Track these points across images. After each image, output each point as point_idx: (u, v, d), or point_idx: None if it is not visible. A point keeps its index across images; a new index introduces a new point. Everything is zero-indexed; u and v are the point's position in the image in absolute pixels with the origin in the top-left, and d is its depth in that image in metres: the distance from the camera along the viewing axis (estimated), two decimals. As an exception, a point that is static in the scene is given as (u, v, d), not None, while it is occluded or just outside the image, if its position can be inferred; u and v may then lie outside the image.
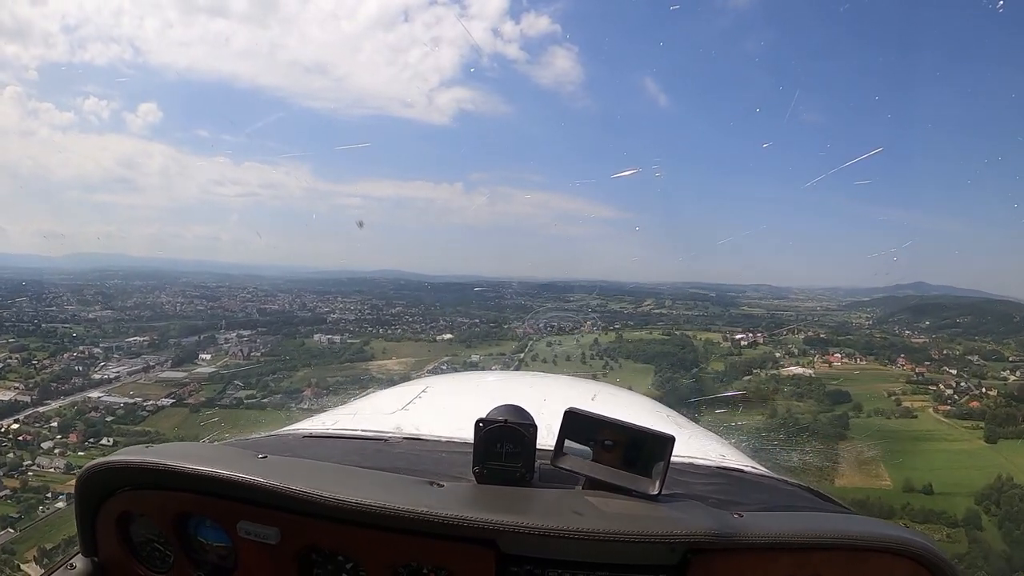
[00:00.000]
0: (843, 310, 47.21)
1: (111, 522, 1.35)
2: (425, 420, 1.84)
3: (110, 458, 1.31)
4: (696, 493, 1.34)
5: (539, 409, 1.33)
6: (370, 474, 1.27)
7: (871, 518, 1.39)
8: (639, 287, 52.81)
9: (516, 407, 1.30)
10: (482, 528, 1.11)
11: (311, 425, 1.97)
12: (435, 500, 1.16)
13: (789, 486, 1.67)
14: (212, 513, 1.29)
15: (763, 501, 1.41)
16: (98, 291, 60.28)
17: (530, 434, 1.25)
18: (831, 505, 1.60)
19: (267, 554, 1.25)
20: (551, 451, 1.27)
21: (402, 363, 40.93)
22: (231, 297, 62.32)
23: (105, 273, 72.02)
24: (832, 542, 1.19)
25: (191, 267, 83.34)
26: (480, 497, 1.21)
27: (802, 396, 34.87)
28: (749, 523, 1.19)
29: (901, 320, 43.21)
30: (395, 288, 61.91)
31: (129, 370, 40.46)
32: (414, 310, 56.53)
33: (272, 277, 71.50)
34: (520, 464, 1.25)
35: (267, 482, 1.18)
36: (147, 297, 60.57)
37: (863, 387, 35.91)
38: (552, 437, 1.27)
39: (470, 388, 2.77)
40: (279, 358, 41.63)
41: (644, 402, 2.86)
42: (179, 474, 1.25)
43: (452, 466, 1.36)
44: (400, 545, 1.19)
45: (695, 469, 1.61)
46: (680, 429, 1.96)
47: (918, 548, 1.22)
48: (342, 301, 60.96)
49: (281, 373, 38.28)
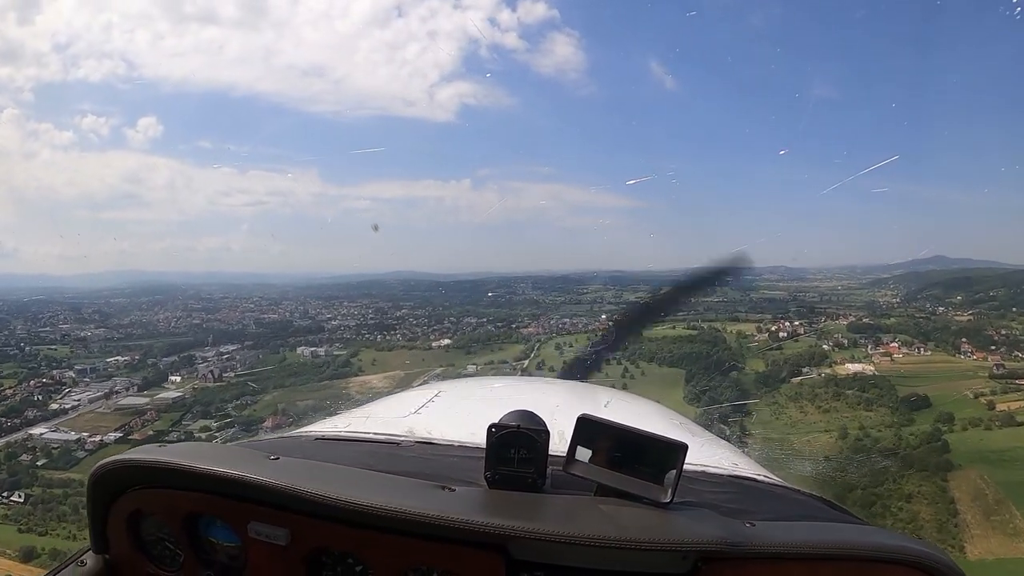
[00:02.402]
0: (866, 288, 43.72)
1: (122, 520, 1.32)
2: (437, 424, 1.76)
3: (122, 456, 1.27)
4: (708, 501, 1.29)
5: (551, 415, 1.29)
6: (381, 477, 1.23)
7: (883, 529, 1.36)
8: (653, 275, 47.31)
9: (529, 413, 1.24)
10: (493, 533, 1.07)
11: (323, 428, 1.84)
12: (446, 504, 1.12)
13: (801, 495, 1.59)
14: (223, 513, 1.25)
15: (775, 510, 1.35)
16: (96, 310, 57.49)
17: (542, 440, 1.20)
18: (844, 515, 1.51)
19: (277, 555, 1.22)
20: (563, 457, 1.21)
21: (389, 378, 34.63)
22: (232, 308, 58.57)
23: (114, 291, 69.75)
24: (844, 553, 1.15)
25: (202, 279, 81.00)
26: (491, 502, 1.16)
27: (871, 403, 27.07)
28: (760, 532, 1.14)
29: (932, 296, 39.64)
30: (405, 289, 59.10)
31: (92, 396, 35.99)
32: (420, 312, 53.09)
33: (282, 285, 69.26)
34: (532, 470, 1.21)
35: (278, 483, 1.14)
36: (145, 314, 57.48)
37: (939, 387, 28.65)
38: (564, 443, 1.22)
39: (483, 393, 2.69)
40: (254, 377, 36.13)
41: (657, 409, 2.72)
42: (190, 474, 1.21)
43: (464, 471, 1.31)
44: (410, 549, 1.16)
45: (707, 477, 1.53)
46: (693, 437, 1.86)
47: (931, 560, 1.16)
48: (347, 306, 57.66)
49: (247, 398, 32.79)
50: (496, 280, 55.95)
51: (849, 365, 30.79)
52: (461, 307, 50.84)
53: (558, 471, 1.22)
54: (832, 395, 27.60)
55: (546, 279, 52.14)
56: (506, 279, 55.31)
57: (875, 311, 38.31)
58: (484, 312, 49.29)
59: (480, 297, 53.02)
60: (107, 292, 67.88)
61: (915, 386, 28.37)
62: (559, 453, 1.22)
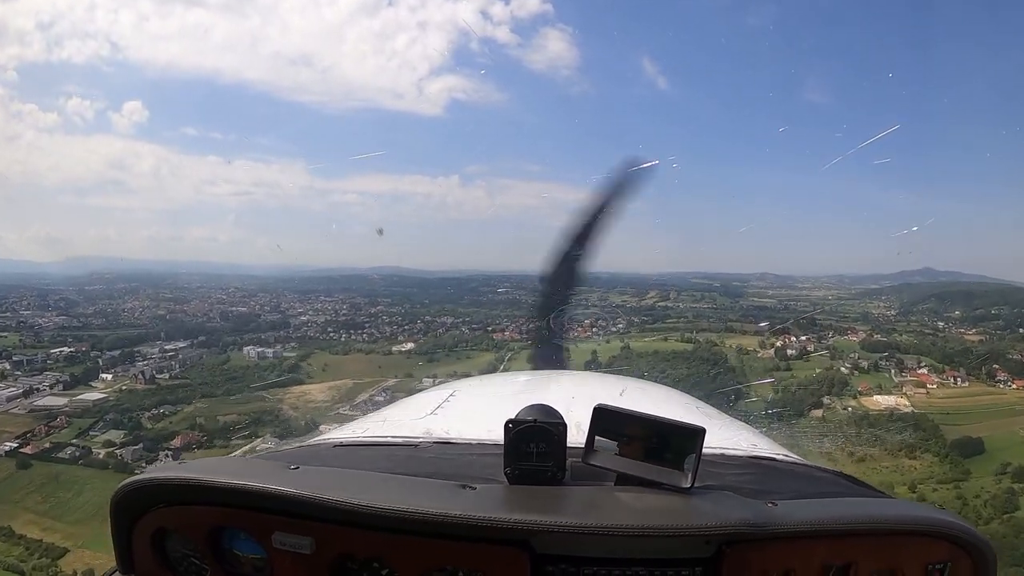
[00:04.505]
0: (857, 299, 41.98)
1: (146, 539, 1.30)
2: (454, 424, 1.72)
3: (142, 476, 1.25)
4: (729, 484, 1.25)
5: (568, 407, 1.26)
6: (402, 480, 1.21)
7: (906, 501, 1.32)
8: (640, 278, 46.26)
9: (545, 406, 1.22)
10: (516, 529, 1.07)
11: (341, 434, 1.82)
12: (468, 503, 1.10)
13: (822, 473, 1.55)
14: (246, 526, 1.23)
15: (796, 489, 1.30)
16: (63, 297, 54.10)
17: (560, 433, 1.17)
18: (866, 490, 1.47)
19: (302, 564, 1.19)
20: (582, 449, 1.19)
21: (333, 389, 29.95)
22: (203, 300, 54.82)
23: (92, 277, 66.87)
24: (868, 527, 1.13)
25: (187, 268, 78.25)
26: (512, 498, 1.15)
27: (914, 449, 21.47)
28: (783, 512, 1.12)
29: (928, 310, 37.40)
30: (386, 285, 55.65)
31: (11, 394, 31.93)
32: (396, 309, 49.23)
33: (264, 277, 66.72)
34: (551, 463, 1.18)
35: (300, 492, 1.13)
36: (112, 303, 53.90)
37: (990, 426, 23.48)
38: (582, 435, 1.20)
39: (498, 390, 2.62)
40: (187, 382, 31.74)
41: (672, 395, 2.60)
42: (212, 488, 1.20)
43: (483, 468, 1.28)
44: (434, 550, 1.13)
45: (727, 460, 1.49)
46: (710, 420, 1.81)
47: (955, 530, 1.15)
48: (323, 301, 54.27)
49: (167, 407, 28.27)
50: (481, 278, 53.04)
51: (879, 398, 25.59)
52: (440, 305, 47.45)
53: (577, 463, 1.19)
54: (868, 439, 22.04)
55: (532, 278, 49.09)
56: (491, 277, 52.09)
57: (879, 325, 35.18)
58: (463, 312, 45.62)
59: (462, 295, 49.87)
60: (85, 279, 65.29)
61: (959, 424, 23.28)
62: (577, 445, 1.19)
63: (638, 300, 42.72)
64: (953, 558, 1.16)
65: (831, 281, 45.83)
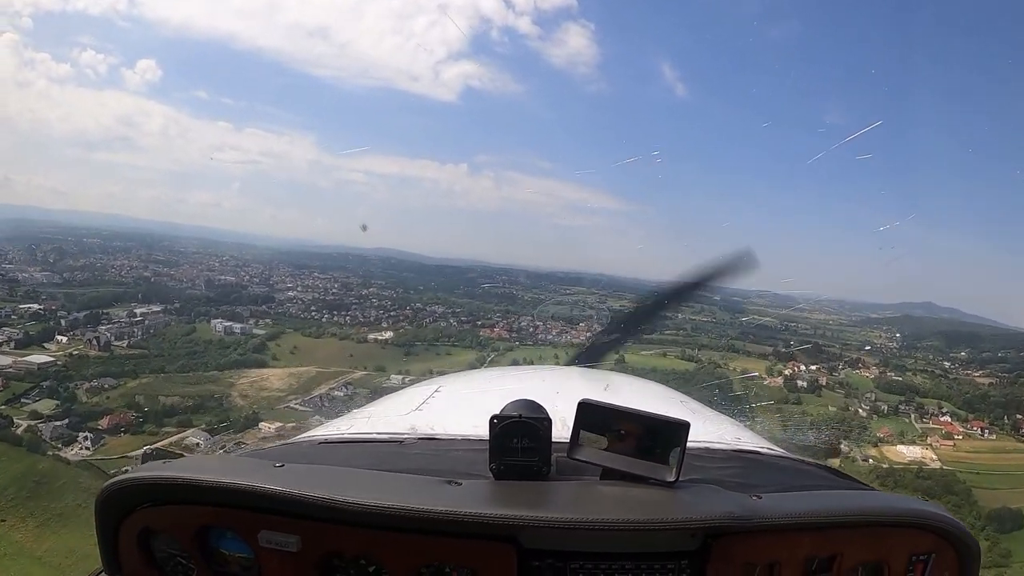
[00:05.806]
0: (857, 326, 41.18)
1: (132, 539, 1.28)
2: (439, 420, 1.69)
3: (127, 476, 1.22)
4: (713, 477, 1.25)
5: (553, 402, 1.24)
6: (388, 477, 1.20)
7: (890, 494, 1.34)
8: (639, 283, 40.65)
9: (530, 401, 1.20)
10: (502, 524, 1.06)
11: (326, 431, 1.81)
12: (454, 499, 1.09)
13: (807, 466, 1.56)
14: (233, 524, 1.22)
15: (781, 482, 1.31)
16: (55, 247, 52.44)
17: (545, 428, 1.17)
18: (850, 483, 1.48)
19: (289, 562, 1.18)
20: (567, 444, 1.19)
21: (292, 377, 27.10)
22: (193, 265, 52.66)
23: (90, 231, 65.49)
24: (852, 519, 1.14)
25: (190, 232, 76.49)
26: (498, 493, 1.14)
27: None
28: (768, 504, 1.12)
29: (933, 348, 36.21)
30: (383, 267, 54.29)
31: (-43, 352, 29.71)
32: (387, 293, 46.38)
33: (263, 247, 65.35)
34: (536, 458, 1.18)
35: (286, 490, 1.12)
36: (101, 259, 51.98)
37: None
38: (567, 430, 1.19)
39: (483, 385, 2.51)
40: (144, 351, 29.16)
41: (657, 389, 2.56)
42: (198, 487, 1.18)
43: (469, 464, 1.28)
44: (421, 546, 1.13)
45: (711, 453, 1.48)
46: (694, 414, 1.80)
47: (939, 521, 1.16)
48: (316, 278, 51.80)
49: (110, 380, 25.67)
50: (480, 268, 52.01)
51: (902, 448, 22.92)
52: (433, 293, 44.91)
53: (563, 457, 1.18)
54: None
55: (531, 274, 47.06)
56: (490, 269, 50.61)
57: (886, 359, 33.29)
58: (455, 302, 42.62)
59: (457, 284, 47.63)
60: (85, 231, 63.97)
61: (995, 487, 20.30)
62: (563, 439, 1.18)
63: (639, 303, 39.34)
64: (937, 549, 1.16)
65: (831, 306, 44.20)
